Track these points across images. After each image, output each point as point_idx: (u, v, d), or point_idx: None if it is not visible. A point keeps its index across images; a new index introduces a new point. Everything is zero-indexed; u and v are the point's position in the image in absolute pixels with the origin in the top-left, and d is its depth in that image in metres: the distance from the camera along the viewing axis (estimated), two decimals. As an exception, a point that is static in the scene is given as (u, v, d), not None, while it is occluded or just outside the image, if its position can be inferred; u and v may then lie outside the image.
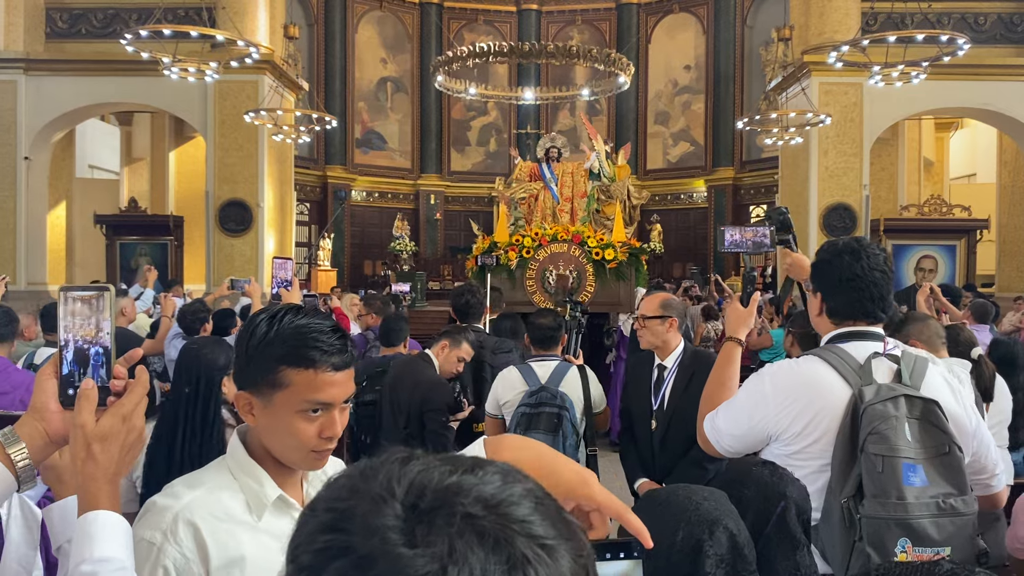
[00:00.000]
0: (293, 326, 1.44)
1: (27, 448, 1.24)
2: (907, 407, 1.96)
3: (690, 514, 1.21)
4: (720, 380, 2.44)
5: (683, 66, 23.48)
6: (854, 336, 2.15)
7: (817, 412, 2.05)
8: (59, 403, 1.27)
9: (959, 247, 15.72)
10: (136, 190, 19.12)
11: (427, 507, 0.55)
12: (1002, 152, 17.32)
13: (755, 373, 2.27)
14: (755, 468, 1.44)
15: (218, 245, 15.60)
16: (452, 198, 24.07)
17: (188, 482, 1.48)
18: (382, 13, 23.50)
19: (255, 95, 15.32)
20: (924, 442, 1.93)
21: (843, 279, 2.14)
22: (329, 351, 1.43)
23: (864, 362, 2.07)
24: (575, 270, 9.46)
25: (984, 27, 16.11)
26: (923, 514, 1.87)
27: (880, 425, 1.92)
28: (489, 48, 12.95)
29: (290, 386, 1.42)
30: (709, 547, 1.17)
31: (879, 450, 1.90)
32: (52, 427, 1.26)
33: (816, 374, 2.10)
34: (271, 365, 1.42)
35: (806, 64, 15.25)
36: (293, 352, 1.42)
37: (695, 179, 23.06)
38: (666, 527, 1.19)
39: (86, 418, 1.22)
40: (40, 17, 16.18)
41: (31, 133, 15.47)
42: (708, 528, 1.19)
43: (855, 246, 2.17)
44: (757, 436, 2.18)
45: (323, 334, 1.44)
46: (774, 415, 2.11)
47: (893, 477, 1.88)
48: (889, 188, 17.99)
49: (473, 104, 22.38)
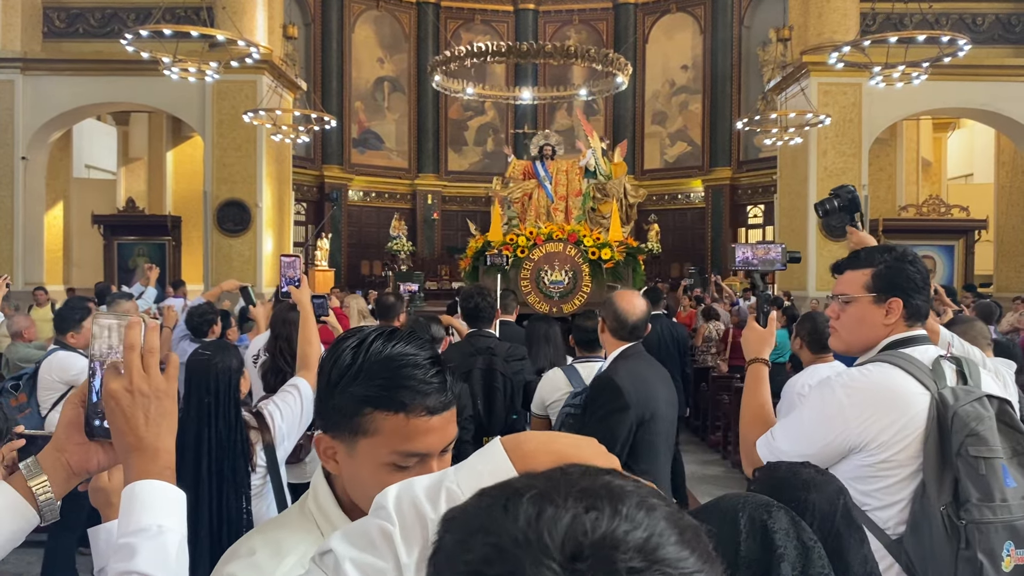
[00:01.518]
0: (382, 357, 1.20)
1: (49, 481, 1.18)
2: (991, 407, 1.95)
3: (744, 502, 1.23)
4: (759, 402, 2.38)
5: (680, 66, 23.51)
6: (912, 341, 2.13)
7: (904, 419, 1.99)
8: (84, 434, 1.21)
9: (957, 247, 15.77)
10: (134, 190, 19.07)
11: (588, 567, 0.54)
12: (1000, 152, 17.37)
13: (818, 386, 2.20)
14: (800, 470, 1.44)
15: (216, 245, 15.57)
16: (449, 198, 24.06)
17: (272, 545, 1.21)
18: (379, 13, 23.48)
19: (253, 95, 15.28)
20: (1005, 442, 1.91)
21: (922, 280, 2.15)
22: (424, 391, 1.18)
23: (933, 365, 2.04)
24: (571, 270, 9.32)
25: (982, 27, 16.14)
26: (1022, 516, 1.84)
27: (977, 426, 1.89)
28: (486, 48, 12.94)
29: (377, 433, 1.18)
30: (773, 523, 1.18)
31: (980, 452, 1.86)
32: (75, 459, 1.20)
33: (893, 379, 2.04)
34: (355, 406, 1.19)
35: (805, 64, 15.28)
36: (380, 392, 1.18)
37: (692, 179, 23.09)
38: (726, 519, 1.20)
39: (115, 384, 1.16)
40: (38, 16, 16.13)
41: (28, 133, 15.42)
42: (765, 509, 1.20)
43: (907, 248, 2.20)
44: (835, 451, 2.08)
45: (417, 368, 1.19)
46: (857, 427, 2.02)
47: (995, 479, 1.85)
48: (888, 188, 18.02)
49: (470, 104, 22.37)
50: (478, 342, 4.36)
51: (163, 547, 1.10)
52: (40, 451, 1.24)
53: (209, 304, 5.15)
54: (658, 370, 3.43)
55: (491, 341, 4.39)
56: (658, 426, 3.28)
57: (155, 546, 1.10)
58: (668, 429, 3.38)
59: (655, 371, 3.40)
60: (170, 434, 1.19)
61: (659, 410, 3.27)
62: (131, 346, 1.18)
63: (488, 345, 4.33)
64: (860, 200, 2.64)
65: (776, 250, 2.72)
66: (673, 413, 3.41)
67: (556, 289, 9.44)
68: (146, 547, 1.09)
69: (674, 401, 3.42)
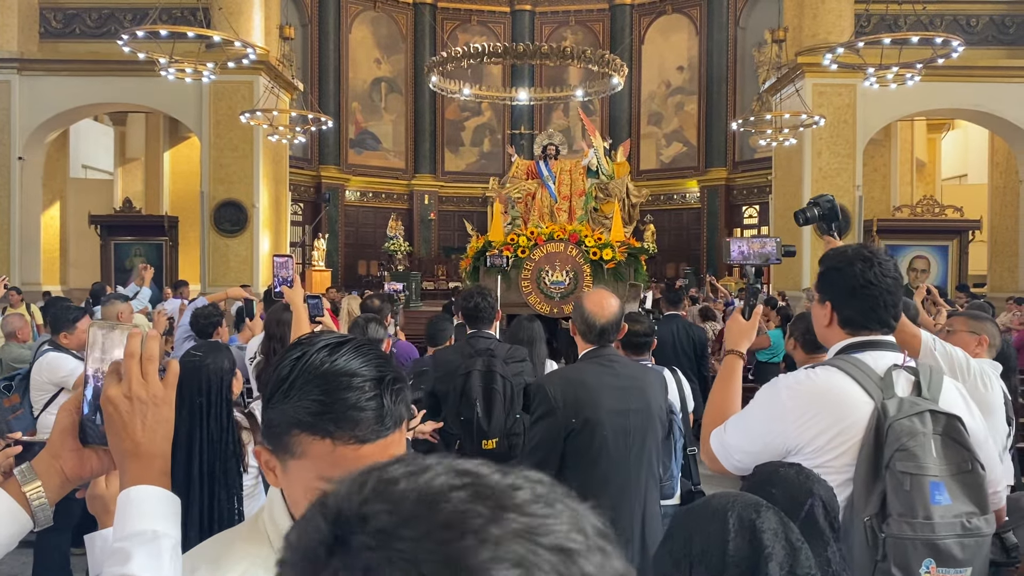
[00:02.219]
0: (319, 373, 1.09)
1: (43, 487, 1.19)
2: (932, 423, 1.89)
3: (734, 502, 1.25)
4: (724, 395, 2.36)
5: (676, 67, 23.56)
6: (869, 346, 2.07)
7: (841, 426, 1.96)
8: (78, 441, 1.21)
9: (951, 248, 15.82)
10: (131, 190, 19.06)
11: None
12: (993, 153, 17.43)
13: (767, 385, 2.16)
14: (781, 469, 1.47)
15: (213, 246, 15.58)
16: (446, 198, 24.09)
17: (212, 562, 1.15)
18: (376, 13, 23.50)
19: (250, 95, 15.30)
20: (948, 459, 1.87)
21: (856, 287, 2.07)
22: (353, 418, 1.06)
23: (884, 374, 1.98)
24: (572, 270, 9.26)
25: (976, 29, 16.20)
26: (949, 534, 1.81)
27: (908, 442, 1.85)
28: (483, 49, 12.93)
29: (304, 456, 1.08)
30: (761, 523, 1.20)
31: (907, 468, 1.83)
32: (69, 466, 1.20)
33: (837, 386, 2.00)
34: (284, 425, 1.09)
35: (800, 65, 15.32)
36: (306, 415, 1.07)
37: (688, 180, 23.14)
38: (716, 518, 1.22)
39: (114, 390, 1.16)
40: (34, 17, 16.14)
41: (25, 133, 15.43)
42: (754, 509, 1.23)
43: (865, 253, 2.10)
44: (774, 451, 2.07)
45: (351, 391, 1.07)
46: (794, 429, 2.00)
47: (920, 496, 1.82)
48: (882, 189, 18.07)
49: (467, 104, 22.40)
50: (478, 343, 4.18)
51: (157, 552, 1.11)
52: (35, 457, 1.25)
53: (214, 306, 5.15)
54: (619, 377, 3.10)
55: (491, 342, 4.20)
56: (596, 436, 3.00)
57: (149, 551, 1.10)
58: (621, 440, 3.04)
59: (612, 378, 3.08)
60: (166, 441, 1.18)
61: (599, 418, 3.00)
62: (131, 354, 1.17)
63: (488, 346, 4.16)
64: (839, 209, 2.59)
65: (771, 244, 2.70)
66: (642, 422, 3.10)
67: (557, 290, 9.40)
68: (140, 552, 1.10)
69: (644, 409, 3.11)
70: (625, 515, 3.05)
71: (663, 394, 3.33)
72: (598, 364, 3.11)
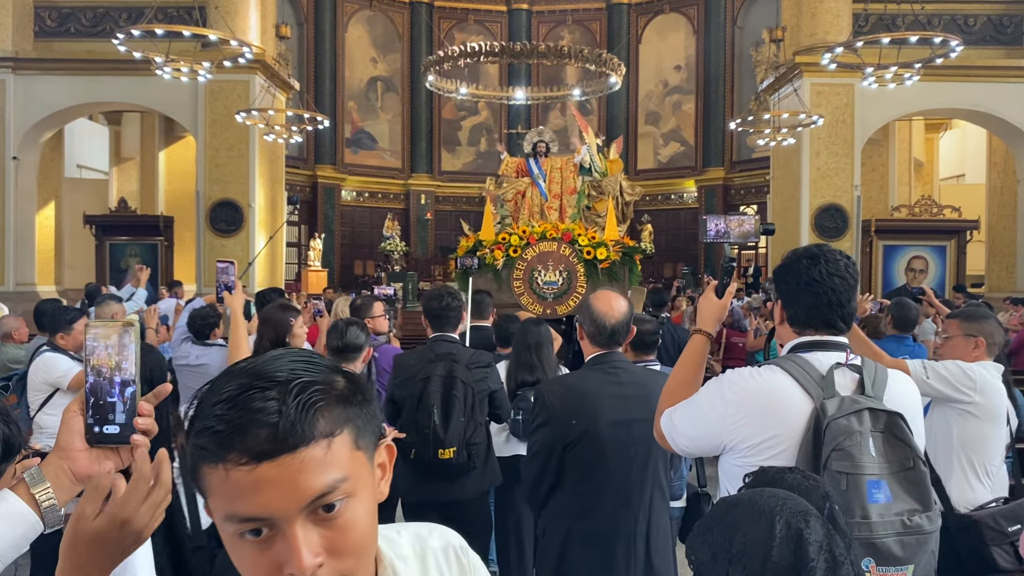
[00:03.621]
0: (231, 385, 0.88)
1: (52, 488, 1.21)
2: (871, 421, 1.87)
3: (783, 506, 1.20)
4: (684, 375, 2.33)
5: (674, 66, 23.54)
6: (816, 346, 2.05)
7: (778, 425, 1.94)
8: (85, 441, 1.21)
9: (949, 248, 15.81)
10: (126, 190, 19.01)
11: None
12: (991, 153, 17.43)
13: (716, 377, 2.15)
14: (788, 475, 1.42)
15: (209, 245, 15.51)
16: (443, 198, 24.05)
17: None
18: (372, 12, 23.45)
19: (246, 95, 15.24)
20: (888, 456, 1.85)
21: (800, 284, 2.06)
22: (239, 424, 0.84)
23: (826, 373, 1.97)
24: (565, 270, 9.13)
25: (974, 28, 16.19)
26: (888, 533, 1.79)
27: (844, 441, 1.84)
28: (480, 48, 12.87)
29: (210, 493, 0.88)
30: (809, 534, 1.16)
31: (843, 467, 1.82)
32: (77, 466, 1.21)
33: (777, 385, 1.99)
34: (191, 458, 0.90)
35: (798, 65, 15.31)
36: (195, 434, 0.88)
37: (685, 179, 23.12)
38: (763, 520, 1.18)
39: (86, 508, 1.08)
40: (29, 16, 16.06)
41: (19, 133, 15.35)
42: (803, 518, 1.18)
43: (814, 251, 2.10)
44: (711, 442, 2.09)
45: (248, 391, 0.86)
46: (730, 424, 2.01)
47: (857, 495, 1.80)
48: (880, 189, 18.07)
49: (464, 104, 22.36)
50: (439, 347, 3.94)
51: None
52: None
53: (211, 307, 5.10)
54: (623, 386, 2.99)
55: (454, 347, 3.96)
56: (595, 446, 2.92)
57: None
58: (621, 451, 2.94)
59: (614, 386, 2.98)
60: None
61: (597, 429, 2.91)
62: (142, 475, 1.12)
63: (450, 351, 3.92)
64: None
65: (750, 222, 2.65)
66: (646, 432, 2.89)
67: (550, 290, 9.22)
68: None
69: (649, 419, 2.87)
70: (626, 527, 2.96)
71: None
72: (601, 371, 3.01)
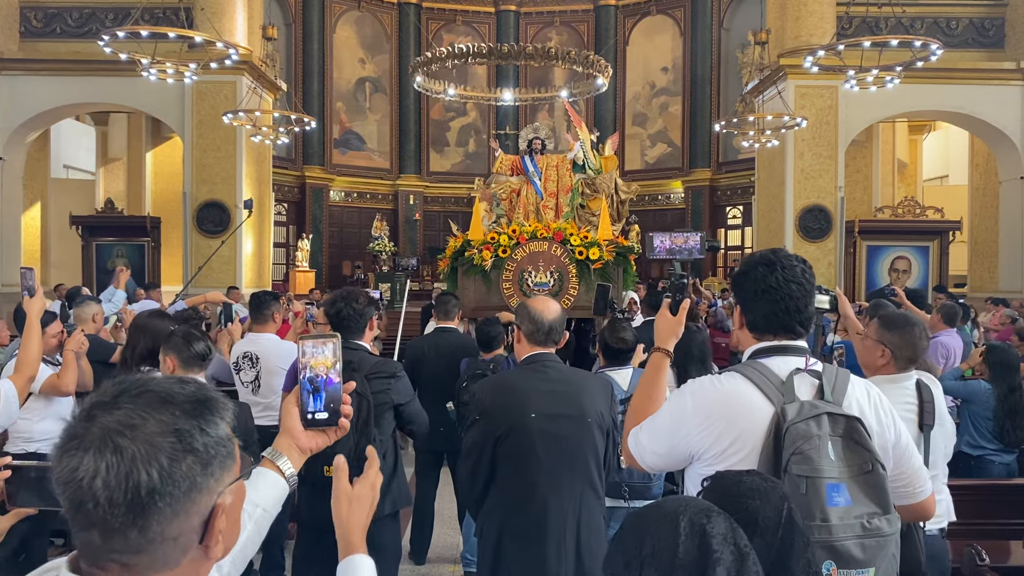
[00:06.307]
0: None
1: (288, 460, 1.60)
2: (830, 425, 1.90)
3: (686, 506, 1.27)
4: (647, 393, 2.37)
5: (661, 68, 23.63)
6: (775, 351, 2.08)
7: (740, 431, 1.98)
8: (302, 425, 1.60)
9: (932, 248, 15.96)
10: (112, 191, 18.97)
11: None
12: (974, 155, 17.59)
13: (678, 389, 2.18)
14: (745, 478, 1.48)
15: (196, 246, 15.50)
16: (431, 198, 24.07)
17: None
18: (360, 13, 23.45)
19: (233, 96, 15.24)
20: (848, 460, 1.88)
21: (758, 291, 2.09)
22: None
23: (786, 378, 2.00)
24: (556, 271, 8.78)
25: (956, 31, 16.35)
26: (848, 535, 1.82)
27: (803, 445, 1.86)
28: (468, 49, 12.88)
29: None
30: (711, 528, 1.22)
31: (802, 471, 1.84)
32: (301, 443, 1.61)
33: (738, 391, 2.02)
34: None
35: (782, 67, 15.42)
36: None
37: (672, 180, 23.21)
38: (668, 520, 1.24)
39: (343, 485, 1.57)
40: (14, 16, 16.01)
41: (5, 133, 15.31)
42: (705, 514, 1.24)
43: (770, 257, 2.12)
44: (679, 455, 2.11)
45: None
46: (696, 434, 2.04)
47: (817, 499, 1.82)
48: (864, 190, 18.22)
49: (452, 105, 22.36)
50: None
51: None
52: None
53: (194, 309, 5.12)
54: (551, 382, 3.15)
55: (356, 355, 3.83)
56: (524, 440, 3.07)
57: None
58: (551, 445, 3.08)
59: (543, 383, 3.15)
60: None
61: (526, 423, 3.07)
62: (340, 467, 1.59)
63: (350, 359, 3.73)
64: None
65: (695, 239, 2.71)
66: (574, 427, 3.12)
67: (541, 292, 8.90)
68: None
69: (577, 415, 3.12)
70: (556, 520, 3.07)
71: (604, 400, 3.24)
72: (532, 370, 3.19)
